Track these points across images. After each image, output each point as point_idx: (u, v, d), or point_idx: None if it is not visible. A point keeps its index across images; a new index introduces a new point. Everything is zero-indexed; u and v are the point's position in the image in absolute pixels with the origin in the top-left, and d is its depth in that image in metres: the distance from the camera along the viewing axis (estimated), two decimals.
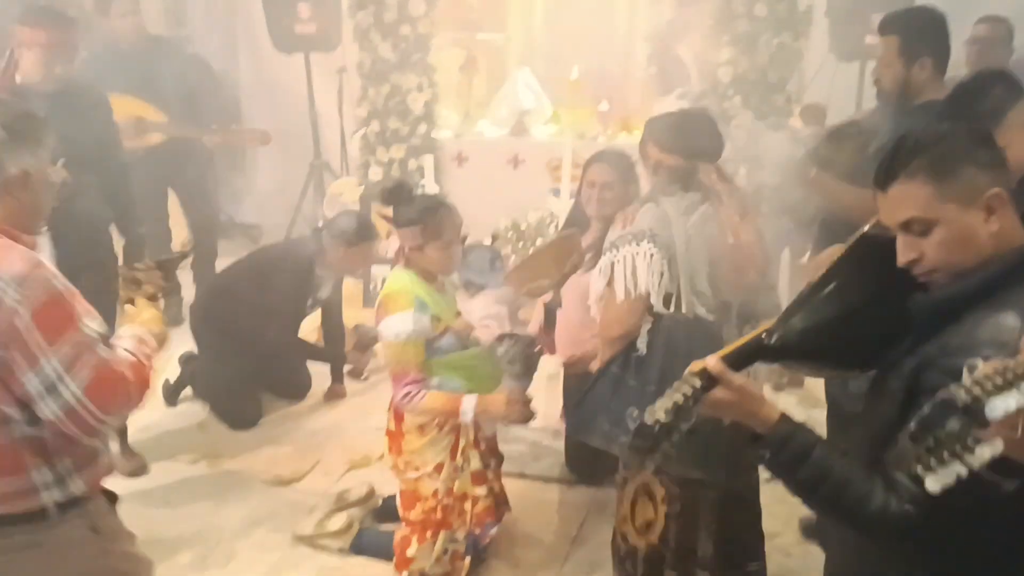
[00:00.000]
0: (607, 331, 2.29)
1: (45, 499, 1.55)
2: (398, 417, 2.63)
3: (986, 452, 0.94)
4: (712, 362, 1.36)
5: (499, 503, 2.79)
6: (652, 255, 2.19)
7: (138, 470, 3.30)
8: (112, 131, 3.33)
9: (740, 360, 1.39)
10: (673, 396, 1.32)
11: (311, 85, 5.64)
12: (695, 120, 2.51)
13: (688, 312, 2.24)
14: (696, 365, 1.37)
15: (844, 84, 5.15)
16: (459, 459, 2.61)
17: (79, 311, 1.55)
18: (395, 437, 2.66)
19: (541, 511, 3.17)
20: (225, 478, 3.13)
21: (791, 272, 4.11)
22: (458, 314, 2.61)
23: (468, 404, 2.45)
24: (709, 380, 1.35)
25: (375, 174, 5.16)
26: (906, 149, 1.34)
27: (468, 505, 2.64)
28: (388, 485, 3.01)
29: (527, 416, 2.55)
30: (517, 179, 5.14)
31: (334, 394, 4.05)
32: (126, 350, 1.67)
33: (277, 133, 4.94)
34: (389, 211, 2.53)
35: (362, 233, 3.62)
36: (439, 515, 2.60)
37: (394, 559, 2.68)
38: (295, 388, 4.04)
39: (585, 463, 3.14)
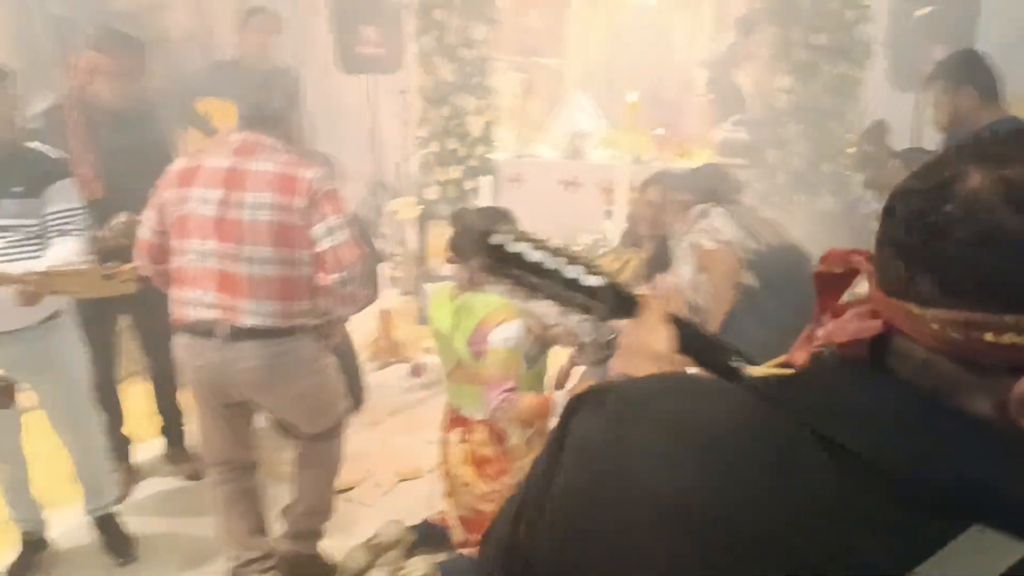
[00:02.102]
0: (722, 283, 2.42)
1: (298, 322, 2.35)
2: (499, 439, 2.53)
3: None
4: None
5: None
6: (724, 213, 2.47)
7: (195, 474, 3.36)
8: (167, 153, 3.25)
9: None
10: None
11: (373, 106, 5.81)
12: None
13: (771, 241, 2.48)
14: None
15: (899, 114, 5.12)
16: None
17: None
18: (494, 461, 2.54)
19: None
20: (277, 486, 3.18)
21: None
22: None
23: (559, 401, 2.40)
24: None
25: (432, 193, 5.27)
26: None
27: None
28: (435, 500, 3.03)
29: None
30: (571, 200, 5.22)
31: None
32: None
33: (338, 152, 5.07)
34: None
35: None
36: None
37: None
38: (350, 399, 4.10)
39: None
